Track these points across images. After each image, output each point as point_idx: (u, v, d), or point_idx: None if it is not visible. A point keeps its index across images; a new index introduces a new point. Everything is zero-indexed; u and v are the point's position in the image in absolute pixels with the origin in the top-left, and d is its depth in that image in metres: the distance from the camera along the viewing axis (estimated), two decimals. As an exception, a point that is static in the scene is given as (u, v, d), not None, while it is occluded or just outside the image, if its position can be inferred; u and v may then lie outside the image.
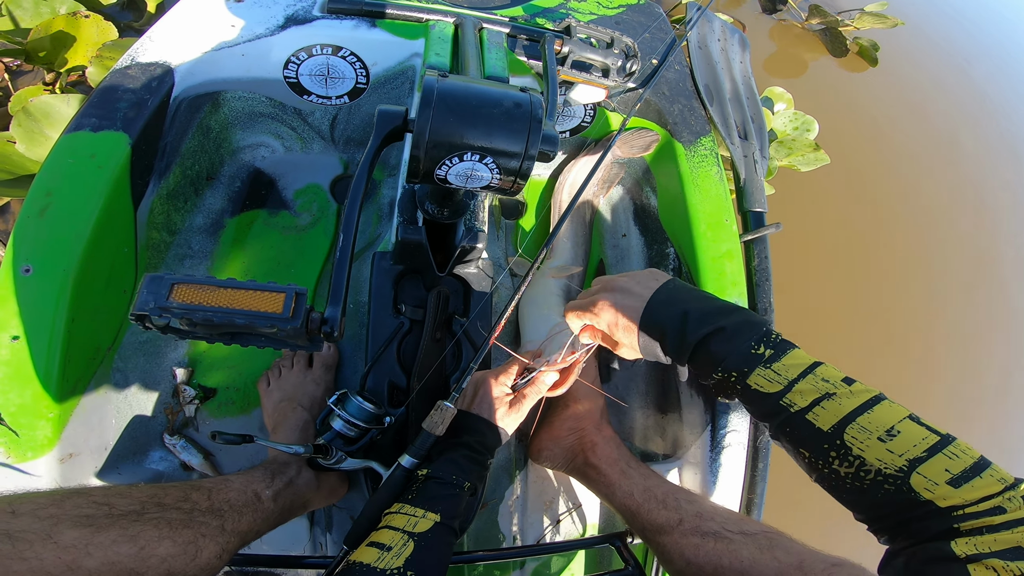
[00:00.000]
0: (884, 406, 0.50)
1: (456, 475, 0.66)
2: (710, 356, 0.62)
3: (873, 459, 0.47)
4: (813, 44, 2.62)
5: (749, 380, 0.58)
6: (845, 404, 0.51)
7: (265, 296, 0.47)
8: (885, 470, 0.46)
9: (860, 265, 2.14)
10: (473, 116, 0.56)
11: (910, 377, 2.02)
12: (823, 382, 0.54)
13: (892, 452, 0.47)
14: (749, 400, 0.60)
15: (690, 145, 1.05)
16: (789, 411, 0.54)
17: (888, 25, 2.52)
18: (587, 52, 0.88)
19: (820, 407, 0.52)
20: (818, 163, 1.94)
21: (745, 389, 0.59)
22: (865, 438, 0.49)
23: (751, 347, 0.60)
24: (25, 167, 1.22)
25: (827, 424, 0.51)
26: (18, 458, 0.74)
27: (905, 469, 0.46)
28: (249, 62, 0.94)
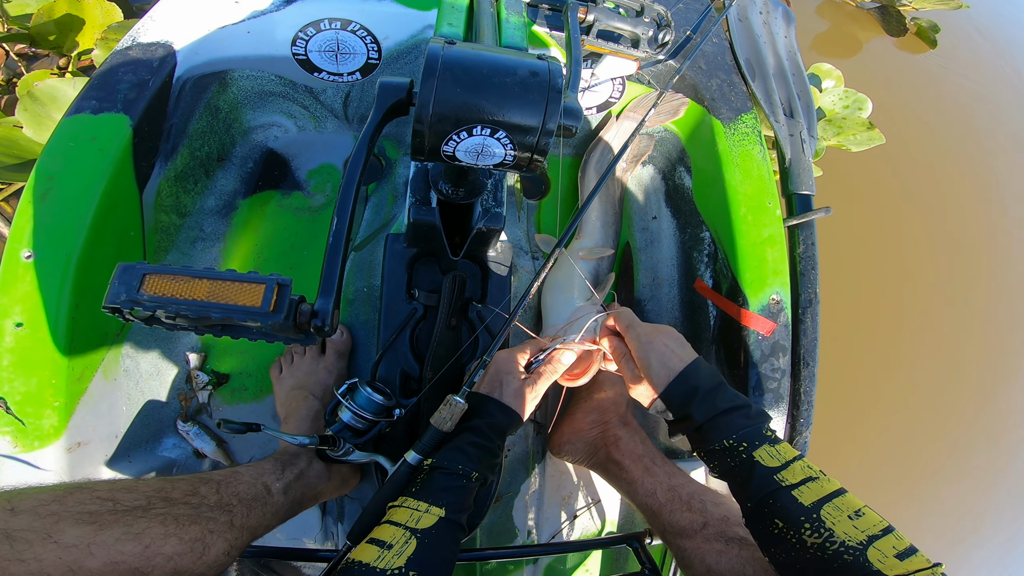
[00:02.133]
0: (850, 495, 0.59)
1: (463, 465, 0.63)
2: (729, 425, 0.66)
3: (841, 532, 0.55)
4: (866, 23, 2.47)
5: (755, 452, 0.64)
6: (825, 487, 0.59)
7: (244, 287, 0.43)
8: (848, 542, 0.54)
9: (916, 256, 2.01)
10: (483, 86, 0.51)
11: (969, 381, 1.90)
12: (808, 468, 0.62)
13: (857, 528, 0.55)
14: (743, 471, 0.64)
15: (729, 122, 0.97)
16: (780, 485, 0.60)
17: (951, 7, 2.36)
18: (614, 21, 0.81)
19: (806, 486, 0.59)
20: (872, 143, 1.81)
21: (747, 460, 0.63)
22: (838, 515, 0.56)
23: (764, 428, 0.66)
24: (33, 151, 1.22)
25: (808, 500, 0.58)
26: (25, 448, 0.73)
27: (864, 543, 0.54)
28: (256, 39, 0.91)
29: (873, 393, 1.81)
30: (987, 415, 1.88)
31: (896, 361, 1.85)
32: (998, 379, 1.93)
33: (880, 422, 1.78)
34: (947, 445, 1.82)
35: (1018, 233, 2.14)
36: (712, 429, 0.66)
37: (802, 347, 0.92)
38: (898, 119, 2.10)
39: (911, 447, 1.79)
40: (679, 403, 0.68)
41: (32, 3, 1.38)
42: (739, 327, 0.91)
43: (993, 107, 2.38)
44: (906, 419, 1.81)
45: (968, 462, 1.83)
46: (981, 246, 2.08)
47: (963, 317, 1.97)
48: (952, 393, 1.87)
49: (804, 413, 0.91)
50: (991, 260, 2.07)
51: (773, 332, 0.90)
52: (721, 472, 0.66)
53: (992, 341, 1.96)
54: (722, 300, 0.96)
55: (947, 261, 2.03)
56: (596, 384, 0.88)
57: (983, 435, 1.86)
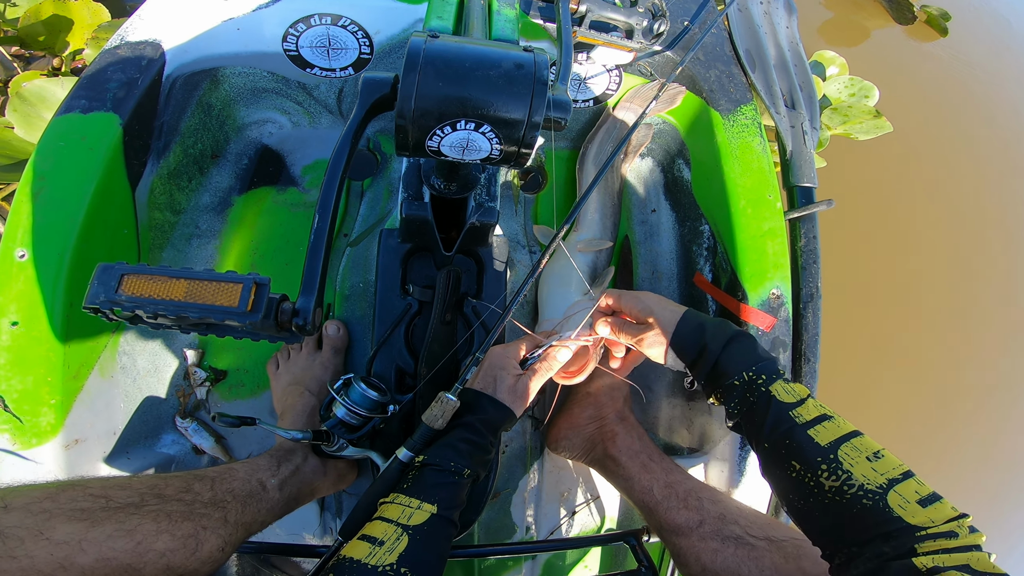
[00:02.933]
0: (866, 437, 0.57)
1: (455, 461, 0.62)
2: (745, 352, 0.66)
3: (859, 475, 0.52)
4: (873, 11, 2.42)
5: (772, 387, 0.63)
6: (842, 427, 0.58)
7: (221, 287, 0.43)
8: (867, 485, 0.52)
9: (922, 248, 1.97)
10: (466, 79, 0.51)
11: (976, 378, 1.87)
12: (822, 407, 0.61)
13: (876, 471, 0.53)
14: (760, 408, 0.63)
15: (728, 114, 0.95)
16: (795, 422, 0.59)
17: None
18: (607, 11, 0.79)
19: (821, 425, 0.58)
20: (879, 131, 1.78)
21: (765, 394, 0.63)
22: (856, 456, 0.54)
23: (777, 365, 0.66)
24: (24, 151, 1.23)
25: (825, 440, 0.56)
26: (22, 445, 0.74)
27: (884, 486, 0.51)
28: (246, 36, 0.90)
29: (876, 390, 1.79)
30: (994, 412, 1.86)
31: (900, 357, 1.83)
32: (1006, 376, 1.90)
33: (883, 420, 1.76)
34: (950, 443, 1.80)
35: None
36: (729, 359, 0.66)
37: (803, 342, 0.91)
38: (906, 107, 2.06)
39: (914, 445, 1.77)
40: (692, 339, 0.69)
41: (22, 5, 1.39)
42: (738, 322, 0.90)
43: (1004, 95, 2.33)
44: (910, 417, 1.79)
45: (973, 460, 1.80)
46: (991, 239, 2.04)
47: (972, 313, 1.94)
48: (958, 390, 1.85)
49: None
50: (1002, 254, 2.03)
51: (773, 327, 0.89)
52: (738, 411, 0.66)
53: (1001, 337, 1.93)
54: (721, 294, 0.95)
55: (955, 253, 2.00)
56: (593, 380, 0.87)
57: (990, 433, 1.84)
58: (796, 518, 0.58)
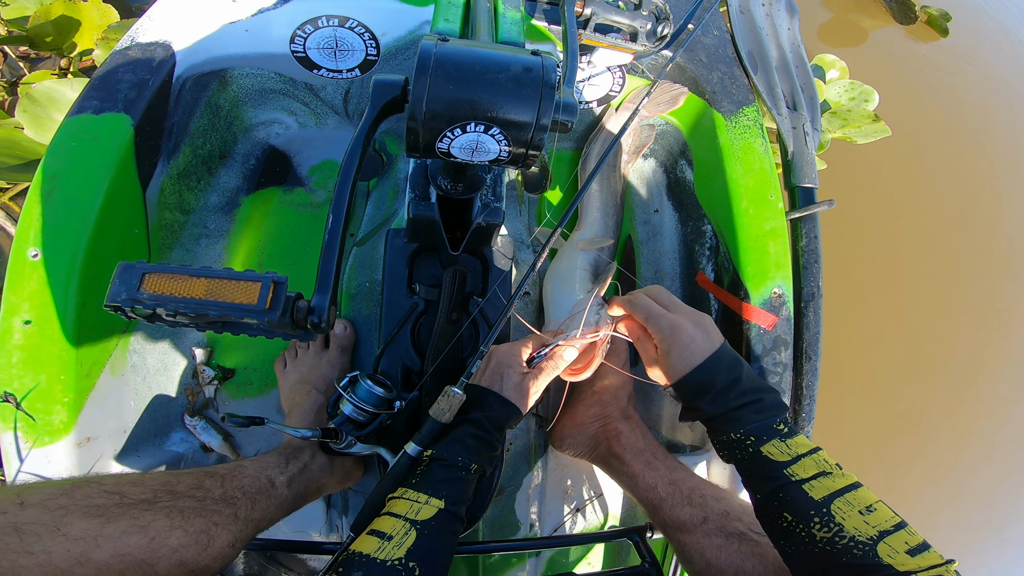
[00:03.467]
0: (864, 490, 0.59)
1: (462, 457, 0.63)
2: (739, 420, 0.66)
3: (851, 527, 0.55)
4: (874, 11, 2.42)
5: (763, 448, 0.64)
6: (837, 482, 0.59)
7: (240, 286, 0.44)
8: (859, 537, 0.54)
9: (922, 249, 1.98)
10: (476, 82, 0.51)
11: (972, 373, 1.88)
12: (823, 462, 0.62)
13: (868, 524, 0.55)
14: (752, 463, 0.65)
15: (731, 115, 0.96)
16: (790, 479, 0.60)
17: None
18: (612, 14, 0.80)
19: (817, 481, 0.59)
20: (877, 135, 1.79)
21: (754, 454, 0.64)
22: (849, 510, 0.56)
23: (775, 423, 0.65)
24: (34, 151, 1.23)
25: (819, 495, 0.58)
26: (36, 443, 0.74)
27: (875, 538, 0.53)
28: (254, 37, 0.91)
29: (877, 388, 1.80)
30: (995, 410, 1.86)
31: (900, 356, 1.84)
32: (1009, 374, 1.91)
33: (884, 418, 1.77)
34: (951, 442, 1.80)
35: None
36: (723, 422, 0.67)
37: (804, 341, 0.92)
38: (905, 110, 2.07)
39: (915, 444, 1.78)
40: (691, 395, 0.69)
41: (31, 5, 1.39)
42: (740, 321, 0.91)
43: (1005, 97, 2.34)
44: (910, 416, 1.80)
45: (976, 459, 1.81)
46: (991, 241, 2.05)
47: (972, 313, 1.95)
48: (960, 388, 1.86)
49: (806, 408, 0.91)
50: (1001, 254, 2.04)
51: (775, 326, 0.90)
52: (731, 461, 0.67)
53: (1003, 337, 1.94)
54: (723, 294, 0.96)
55: (955, 256, 2.00)
56: (598, 377, 0.87)
57: (991, 432, 1.85)
58: (787, 561, 0.59)
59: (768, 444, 0.63)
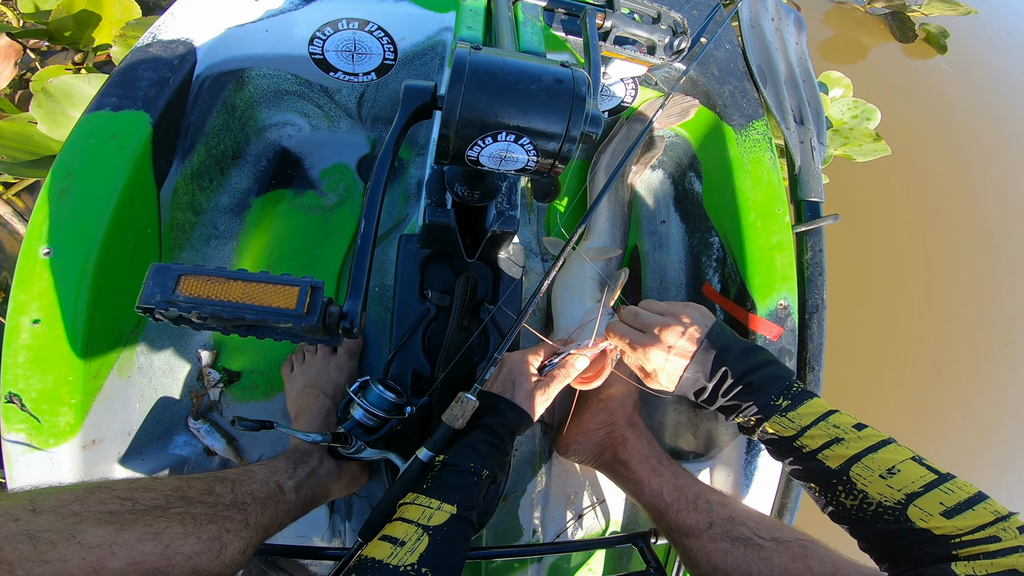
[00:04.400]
0: (890, 448, 0.57)
1: (475, 462, 0.63)
2: (735, 405, 0.69)
3: (875, 493, 0.53)
4: (874, 28, 2.46)
5: (766, 425, 0.66)
6: (852, 447, 0.58)
7: (278, 290, 0.44)
8: (885, 503, 0.52)
9: (921, 265, 2.01)
10: (509, 92, 0.52)
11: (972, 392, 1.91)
12: (834, 428, 0.61)
13: (891, 487, 0.53)
14: (766, 441, 0.67)
15: (741, 128, 0.98)
16: (802, 452, 0.61)
17: (960, 13, 2.36)
18: (631, 27, 0.81)
19: (829, 449, 0.59)
20: (877, 154, 1.82)
21: (763, 433, 0.66)
22: (868, 475, 0.55)
23: (771, 399, 0.66)
24: (48, 147, 1.21)
25: (835, 463, 0.58)
26: (40, 445, 0.73)
27: (903, 502, 0.51)
28: (274, 38, 0.91)
29: (878, 399, 1.83)
30: (993, 425, 1.89)
31: (901, 367, 1.87)
32: (1012, 390, 1.94)
33: (885, 429, 1.79)
34: (949, 450, 1.83)
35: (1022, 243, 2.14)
36: (725, 409, 0.71)
37: (808, 352, 0.93)
38: (905, 128, 2.10)
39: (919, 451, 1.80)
40: (692, 396, 0.74)
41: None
42: (746, 331, 0.92)
43: (1000, 114, 2.38)
44: (911, 427, 1.82)
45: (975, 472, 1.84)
46: (988, 258, 2.09)
47: (974, 327, 1.98)
48: (955, 400, 1.88)
49: (808, 417, 0.92)
50: (998, 272, 2.08)
51: (780, 337, 0.91)
52: (755, 437, 0.71)
53: (1001, 354, 1.97)
54: (730, 304, 0.97)
55: (955, 270, 2.03)
56: (605, 385, 0.87)
57: (990, 445, 1.87)
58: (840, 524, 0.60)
59: (769, 422, 0.65)
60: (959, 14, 2.37)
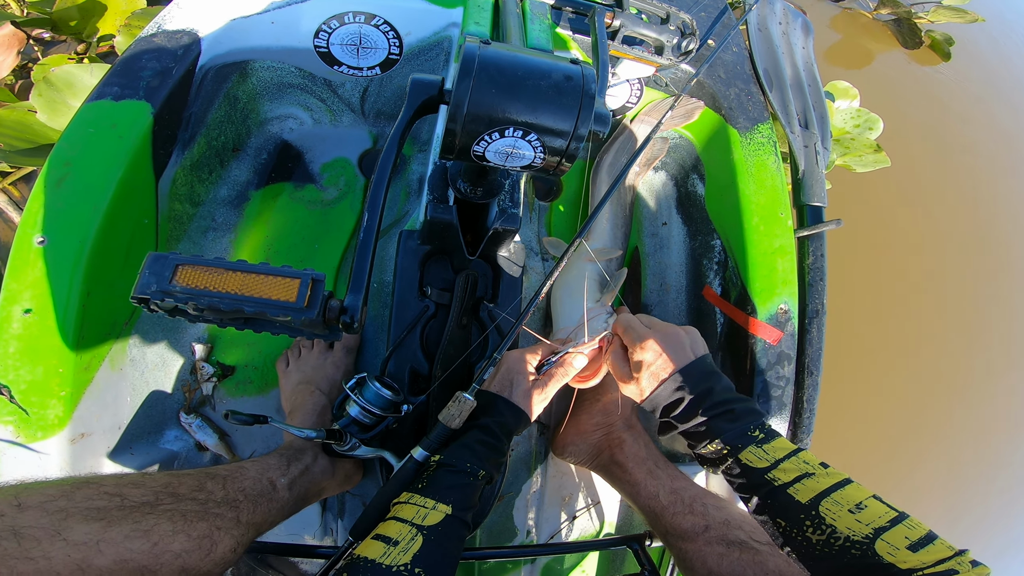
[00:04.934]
0: (853, 486, 0.57)
1: (471, 462, 0.62)
2: (712, 430, 0.66)
3: (843, 527, 0.53)
4: (880, 35, 2.47)
5: (741, 455, 0.64)
6: (821, 482, 0.58)
7: (278, 282, 0.43)
8: (853, 537, 0.52)
9: (923, 269, 2.02)
10: (518, 88, 0.51)
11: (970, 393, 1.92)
12: (803, 463, 0.61)
13: (860, 522, 0.53)
14: (736, 472, 0.64)
15: (746, 132, 0.98)
16: (773, 484, 0.60)
17: (966, 20, 2.37)
18: (640, 27, 0.81)
19: (801, 483, 0.58)
20: (877, 165, 1.82)
21: (736, 462, 0.64)
22: (838, 509, 0.55)
23: (749, 429, 0.65)
24: (46, 136, 1.20)
25: (805, 498, 0.57)
26: (28, 438, 0.71)
27: (871, 536, 0.51)
28: (279, 30, 0.90)
29: (875, 404, 1.83)
30: (991, 432, 1.90)
31: (890, 374, 1.88)
32: (1005, 399, 1.95)
33: (882, 433, 1.80)
34: (944, 455, 1.84)
35: (1019, 257, 2.15)
36: (695, 435, 0.68)
37: (807, 356, 0.93)
38: (906, 138, 2.10)
39: (911, 459, 1.81)
40: (663, 410, 0.71)
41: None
42: (746, 335, 0.92)
43: (1004, 123, 2.39)
44: (907, 432, 1.83)
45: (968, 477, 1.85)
46: (987, 268, 2.10)
47: (971, 335, 1.98)
48: (957, 408, 1.89)
49: (806, 421, 0.92)
50: (989, 284, 2.09)
51: (779, 341, 0.91)
52: (715, 471, 0.68)
53: (999, 363, 1.98)
54: (730, 308, 0.97)
55: (947, 282, 2.04)
56: (602, 387, 0.88)
57: (986, 450, 1.88)
58: (800, 562, 0.58)
59: (745, 451, 0.63)
60: (966, 22, 2.38)
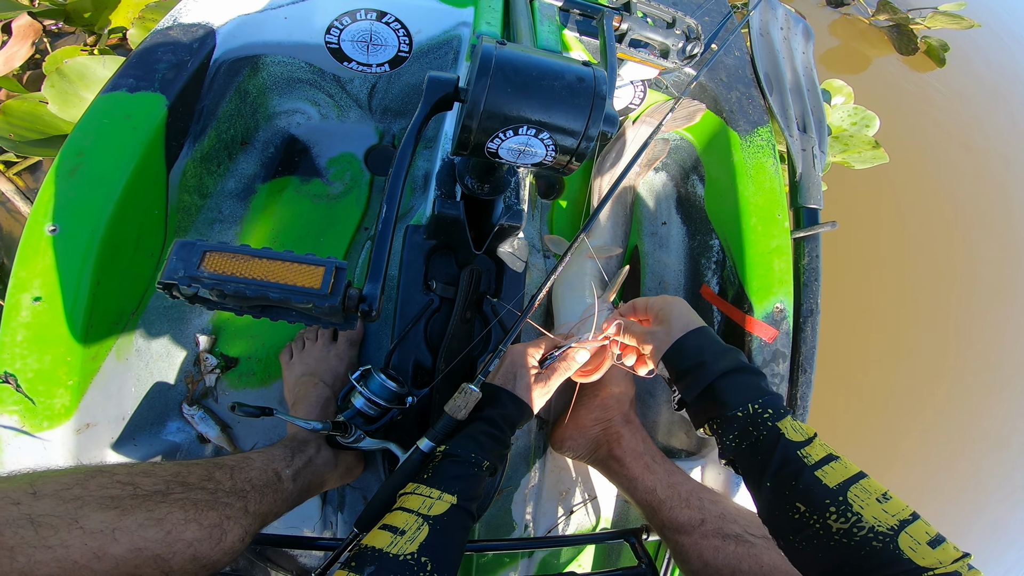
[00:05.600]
0: (872, 479, 0.56)
1: (476, 453, 0.63)
2: (747, 386, 0.64)
3: (870, 516, 0.52)
4: (877, 40, 2.51)
5: (781, 423, 0.60)
6: (849, 468, 0.56)
7: (303, 269, 0.44)
8: (878, 528, 0.51)
9: (914, 272, 2.05)
10: (533, 88, 0.53)
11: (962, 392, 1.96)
12: (826, 447, 0.59)
13: (887, 512, 0.52)
14: (765, 445, 0.61)
15: (746, 134, 1.00)
16: (803, 462, 0.57)
17: (963, 26, 2.40)
18: (646, 31, 0.83)
19: (829, 466, 0.57)
20: (875, 161, 1.85)
21: (772, 430, 0.60)
22: (867, 498, 0.53)
23: (782, 404, 0.63)
24: (57, 127, 1.21)
25: (833, 482, 0.55)
26: (34, 428, 0.71)
27: (896, 528, 0.51)
28: (291, 26, 0.91)
29: (868, 401, 1.87)
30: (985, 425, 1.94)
31: (888, 373, 1.91)
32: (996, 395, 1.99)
33: (873, 431, 1.83)
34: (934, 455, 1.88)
35: (1014, 253, 2.20)
36: (728, 389, 0.64)
37: (801, 354, 0.95)
38: (903, 137, 2.14)
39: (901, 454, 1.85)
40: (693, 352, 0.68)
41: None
42: (742, 332, 0.94)
43: (995, 127, 2.44)
44: (898, 429, 1.86)
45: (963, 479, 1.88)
46: (976, 265, 2.13)
47: (962, 334, 2.02)
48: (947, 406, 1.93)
49: (799, 418, 0.94)
50: (986, 278, 2.13)
51: (775, 339, 0.93)
52: (737, 446, 0.63)
53: (989, 361, 2.02)
54: (727, 306, 0.99)
55: (943, 279, 2.08)
56: (602, 382, 0.88)
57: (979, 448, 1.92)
58: (794, 558, 0.57)
59: (785, 419, 0.61)
60: (962, 27, 2.42)
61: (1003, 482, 1.91)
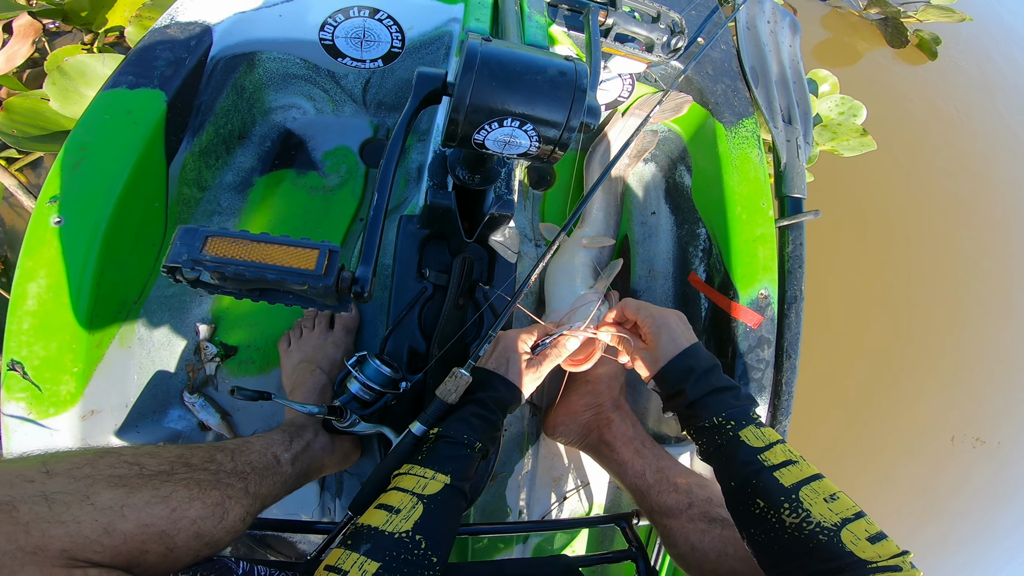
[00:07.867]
0: (826, 480, 0.62)
1: (468, 435, 0.65)
2: (719, 404, 0.70)
3: (817, 513, 0.58)
4: (868, 33, 2.52)
5: (742, 432, 0.67)
6: (805, 470, 0.63)
7: (298, 252, 0.46)
8: (824, 523, 0.57)
9: (897, 260, 2.07)
10: (516, 82, 0.55)
11: (940, 378, 1.98)
12: (788, 452, 0.65)
13: (831, 511, 0.58)
14: (729, 450, 0.67)
15: (731, 126, 1.02)
16: (763, 465, 0.63)
17: (955, 20, 2.42)
18: (632, 25, 0.85)
19: (786, 468, 0.63)
20: (864, 148, 1.87)
21: (733, 438, 0.67)
22: (815, 497, 0.59)
23: (751, 411, 0.69)
24: (59, 123, 1.23)
25: (788, 482, 0.61)
26: (40, 414, 0.73)
27: (838, 524, 0.56)
28: (286, 23, 0.93)
29: (851, 386, 1.89)
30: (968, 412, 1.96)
31: (867, 358, 1.93)
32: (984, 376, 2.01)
33: (856, 415, 1.86)
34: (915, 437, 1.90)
35: (999, 243, 2.22)
36: (703, 406, 0.70)
37: (786, 340, 0.97)
38: (891, 127, 2.15)
39: (882, 439, 1.87)
40: (677, 378, 0.72)
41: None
42: (728, 319, 0.96)
43: (984, 119, 2.45)
44: (881, 413, 1.88)
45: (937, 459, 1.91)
46: (960, 253, 2.15)
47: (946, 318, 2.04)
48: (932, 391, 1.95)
49: (784, 402, 0.96)
50: (970, 268, 2.14)
51: (760, 325, 0.95)
52: (708, 451, 0.70)
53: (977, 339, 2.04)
54: (714, 293, 1.01)
55: (926, 267, 2.10)
56: (592, 369, 0.89)
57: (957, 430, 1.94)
58: (755, 549, 0.62)
59: (745, 429, 0.66)
60: (954, 21, 2.43)
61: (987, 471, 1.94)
